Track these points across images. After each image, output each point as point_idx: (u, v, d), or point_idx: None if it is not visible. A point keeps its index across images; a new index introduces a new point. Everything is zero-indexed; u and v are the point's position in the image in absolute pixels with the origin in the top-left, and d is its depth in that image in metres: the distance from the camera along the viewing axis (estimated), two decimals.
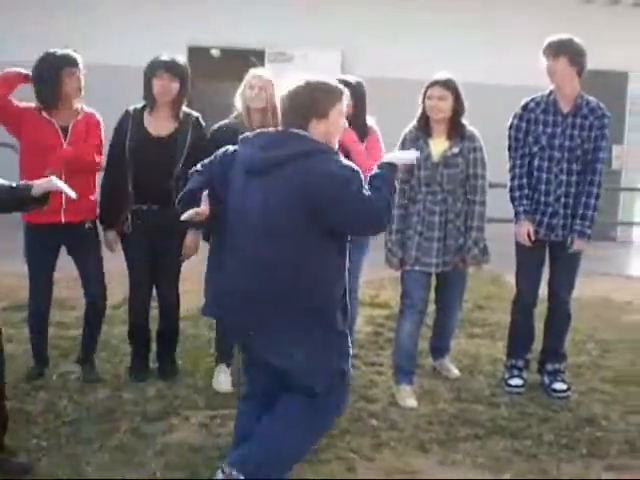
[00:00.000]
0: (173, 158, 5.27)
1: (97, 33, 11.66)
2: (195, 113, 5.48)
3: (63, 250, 5.44)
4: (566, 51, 5.38)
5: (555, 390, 5.55)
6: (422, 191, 5.29)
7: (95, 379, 5.43)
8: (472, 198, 5.31)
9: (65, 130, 5.21)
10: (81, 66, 5.24)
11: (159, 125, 5.34)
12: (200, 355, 5.99)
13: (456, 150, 5.26)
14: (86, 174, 5.29)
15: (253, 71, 5.47)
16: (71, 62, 5.19)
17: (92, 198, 5.40)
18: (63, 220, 5.23)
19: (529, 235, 5.49)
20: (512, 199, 5.59)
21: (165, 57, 5.33)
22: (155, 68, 5.29)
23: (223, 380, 5.46)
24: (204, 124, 5.47)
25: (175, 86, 5.29)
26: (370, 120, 5.66)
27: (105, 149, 5.42)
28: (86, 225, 5.34)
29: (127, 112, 5.39)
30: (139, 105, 5.40)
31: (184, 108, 5.42)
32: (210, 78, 13.19)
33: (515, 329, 5.78)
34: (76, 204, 4.93)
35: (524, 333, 5.74)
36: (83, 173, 5.23)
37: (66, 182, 4.38)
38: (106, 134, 5.41)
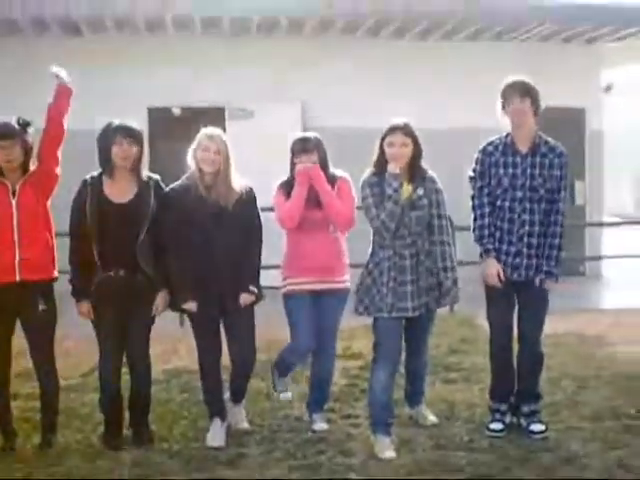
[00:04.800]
0: (137, 224, 5.24)
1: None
2: (155, 176, 5.47)
3: None
4: (530, 92, 5.47)
5: (533, 432, 5.51)
6: (391, 239, 5.28)
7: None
8: (441, 239, 5.31)
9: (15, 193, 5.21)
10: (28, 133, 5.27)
11: (120, 191, 5.31)
12: (174, 419, 5.91)
13: (421, 192, 5.27)
14: (41, 230, 5.27)
15: (206, 131, 5.48)
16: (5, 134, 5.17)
17: (49, 255, 5.31)
18: (18, 279, 5.18)
19: (499, 275, 5.50)
20: (479, 238, 5.60)
21: (119, 122, 5.33)
22: (113, 135, 5.27)
23: (218, 435, 5.43)
24: (164, 186, 5.46)
25: (134, 150, 5.27)
26: (339, 172, 5.68)
27: (63, 219, 5.35)
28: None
29: (85, 181, 5.35)
30: (95, 173, 5.37)
31: (144, 172, 5.40)
32: (171, 137, 13.19)
33: (495, 372, 5.75)
34: (31, 262, 5.00)
35: (504, 375, 5.69)
36: (36, 226, 5.23)
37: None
38: (64, 200, 5.36)
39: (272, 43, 12.23)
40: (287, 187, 5.59)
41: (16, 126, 5.23)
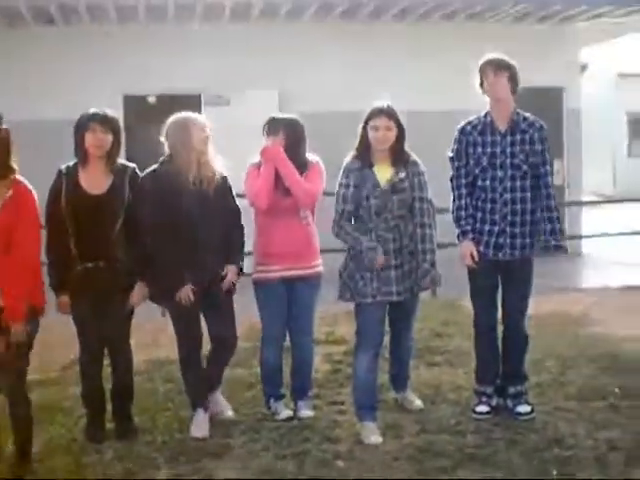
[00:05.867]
0: (113, 214, 5.17)
1: (30, 87, 11.55)
2: (131, 164, 5.39)
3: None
4: (507, 67, 5.45)
5: (519, 413, 5.49)
6: (373, 220, 5.23)
7: None
8: (422, 221, 5.27)
9: None
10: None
11: (95, 181, 5.21)
12: (157, 410, 5.84)
13: (402, 175, 5.24)
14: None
15: (195, 115, 5.45)
16: None
17: (35, 281, 4.82)
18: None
19: (472, 256, 5.47)
20: (456, 219, 5.58)
21: (95, 110, 5.23)
22: (86, 122, 5.18)
23: (202, 425, 5.38)
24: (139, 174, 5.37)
25: (109, 139, 5.18)
26: (312, 157, 5.63)
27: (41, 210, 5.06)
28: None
29: (60, 172, 5.24)
30: (71, 163, 5.27)
31: (119, 160, 5.31)
32: (147, 125, 13.07)
33: (479, 354, 5.72)
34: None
35: (489, 358, 5.67)
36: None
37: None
38: (42, 192, 5.12)
39: (246, 29, 12.14)
40: (258, 168, 5.58)
41: None
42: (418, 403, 5.79)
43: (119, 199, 5.20)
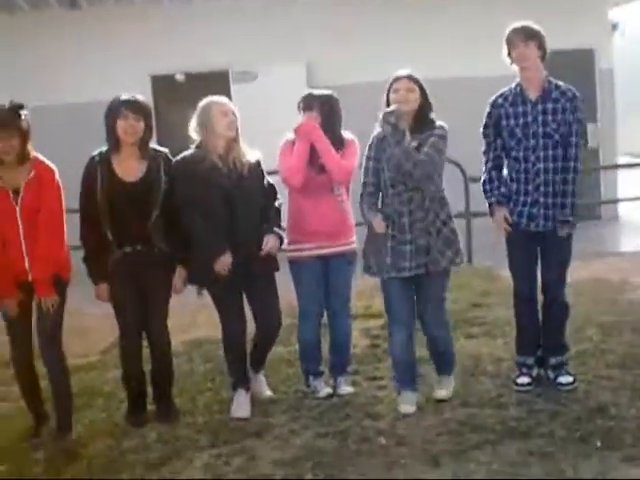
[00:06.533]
0: (149, 201, 5.16)
1: (55, 71, 11.56)
2: (163, 150, 5.38)
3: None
4: (534, 35, 5.33)
5: (561, 384, 5.43)
6: (389, 193, 5.18)
7: None
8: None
9: (17, 192, 4.94)
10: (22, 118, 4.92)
11: (129, 168, 5.19)
12: (198, 391, 5.86)
13: (414, 144, 5.09)
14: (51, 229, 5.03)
15: (219, 98, 5.40)
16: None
17: (61, 253, 5.09)
18: (30, 279, 5.04)
19: (507, 220, 5.42)
20: (484, 192, 5.56)
21: (126, 96, 5.19)
22: (118, 109, 5.14)
23: (243, 406, 5.39)
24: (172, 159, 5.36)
25: (141, 125, 5.15)
26: (348, 134, 5.58)
27: (69, 199, 5.13)
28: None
29: (93, 159, 5.21)
30: (103, 149, 5.24)
31: (151, 145, 5.29)
32: (176, 104, 13.08)
33: (520, 325, 5.66)
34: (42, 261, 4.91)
35: (530, 328, 5.60)
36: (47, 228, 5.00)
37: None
38: (70, 176, 5.21)
39: (271, 3, 12.04)
40: (292, 145, 5.52)
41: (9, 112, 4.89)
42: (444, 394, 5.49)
43: (155, 185, 5.19)
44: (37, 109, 5.01)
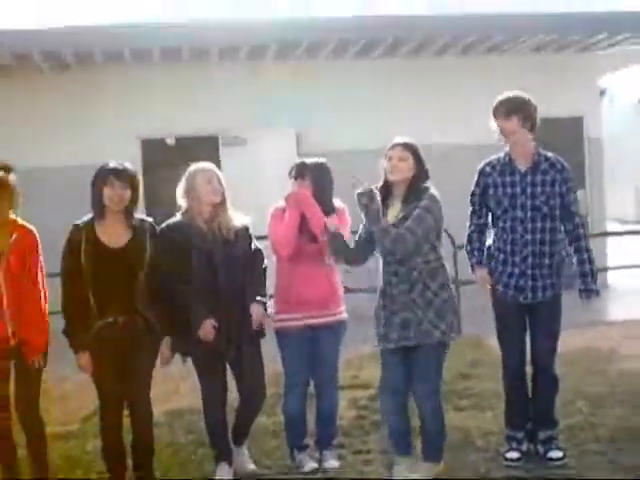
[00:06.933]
0: (133, 268, 5.08)
1: (46, 133, 11.56)
2: (148, 219, 5.33)
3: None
4: (517, 109, 5.29)
5: (551, 459, 5.33)
6: (382, 264, 5.14)
7: None
8: (426, 259, 5.10)
9: None
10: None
11: (114, 235, 5.12)
12: (179, 463, 5.72)
13: (401, 215, 5.05)
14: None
15: (204, 165, 5.38)
16: None
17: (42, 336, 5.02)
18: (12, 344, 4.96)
19: (486, 279, 5.46)
20: (466, 252, 5.60)
21: (114, 164, 5.14)
22: (105, 176, 5.08)
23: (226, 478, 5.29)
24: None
25: (127, 193, 5.09)
26: (339, 202, 5.54)
27: (50, 265, 5.14)
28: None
29: (77, 226, 5.13)
30: (86, 217, 5.17)
31: (136, 214, 5.23)
32: (166, 167, 13.08)
33: (509, 398, 5.58)
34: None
35: (519, 402, 5.52)
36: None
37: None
38: (55, 242, 5.18)
39: (261, 69, 12.13)
40: (282, 212, 5.47)
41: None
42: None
43: (140, 253, 5.11)
44: (24, 171, 4.95)
